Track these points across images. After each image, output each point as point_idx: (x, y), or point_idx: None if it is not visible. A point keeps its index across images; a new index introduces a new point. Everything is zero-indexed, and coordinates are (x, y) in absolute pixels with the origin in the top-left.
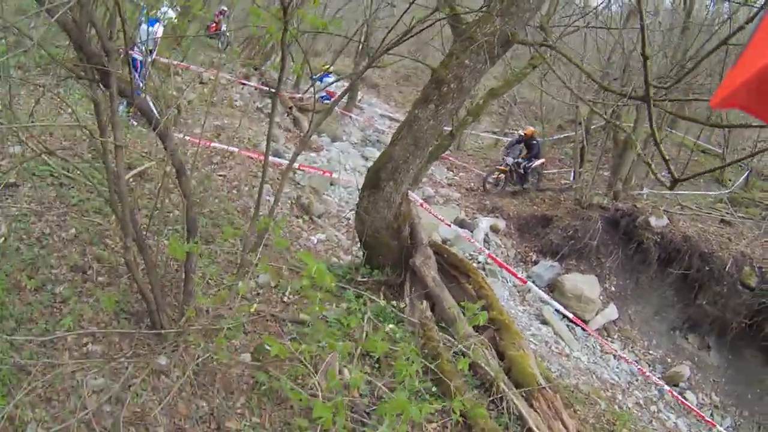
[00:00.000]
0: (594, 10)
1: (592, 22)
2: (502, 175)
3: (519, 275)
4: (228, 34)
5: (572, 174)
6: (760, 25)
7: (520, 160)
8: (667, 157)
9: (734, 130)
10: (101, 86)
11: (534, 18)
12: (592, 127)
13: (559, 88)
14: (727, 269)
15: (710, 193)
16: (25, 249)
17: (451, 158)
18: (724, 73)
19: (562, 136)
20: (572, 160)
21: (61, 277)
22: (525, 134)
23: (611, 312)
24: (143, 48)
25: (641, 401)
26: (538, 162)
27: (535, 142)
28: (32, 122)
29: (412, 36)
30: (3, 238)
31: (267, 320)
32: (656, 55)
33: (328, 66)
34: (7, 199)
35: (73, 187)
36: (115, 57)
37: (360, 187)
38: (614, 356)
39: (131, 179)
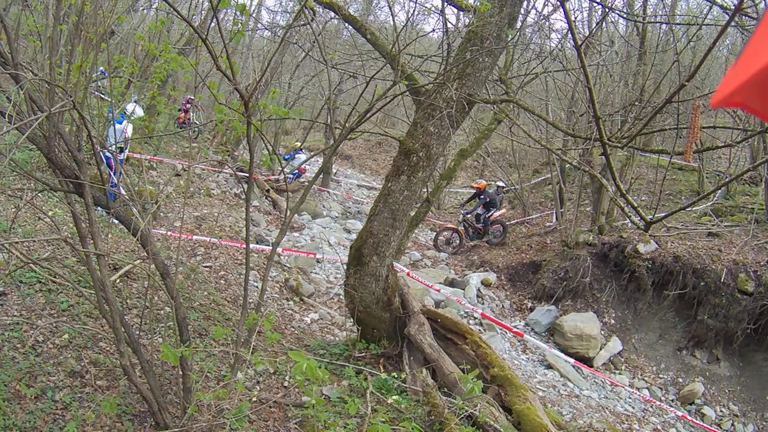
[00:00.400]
0: (550, 53)
1: (550, 65)
2: (455, 234)
3: (515, 328)
4: (197, 122)
5: (554, 216)
6: (762, 22)
7: (479, 211)
8: (635, 204)
9: (707, 143)
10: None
11: (493, 72)
12: (567, 166)
13: (528, 133)
14: (722, 280)
15: (694, 208)
16: (20, 358)
17: (432, 219)
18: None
19: (539, 179)
20: (553, 203)
21: (60, 384)
22: (478, 188)
23: (615, 345)
24: (114, 148)
25: (659, 426)
26: (497, 213)
27: (482, 195)
28: (13, 232)
29: (374, 113)
30: None
31: (270, 407)
32: (617, 85)
33: (299, 144)
34: None
35: (61, 293)
36: (86, 167)
37: (345, 262)
38: (624, 388)
39: (118, 280)
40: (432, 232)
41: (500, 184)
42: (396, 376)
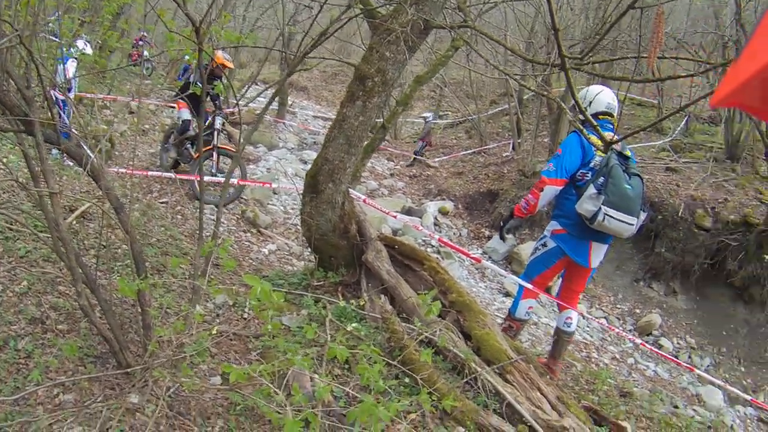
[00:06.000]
0: None
1: None
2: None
3: (473, 254)
4: (151, 59)
5: (511, 146)
6: (762, 19)
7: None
8: (594, 123)
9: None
10: (28, 135)
11: (450, 1)
12: (525, 97)
13: (486, 64)
14: (680, 214)
15: (652, 143)
16: None
17: (389, 148)
18: (644, 29)
19: (496, 110)
20: (510, 133)
21: (21, 332)
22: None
23: None
24: (62, 87)
25: (617, 355)
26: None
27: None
28: None
29: (328, 37)
30: None
31: (231, 340)
32: (578, 18)
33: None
34: None
35: (18, 240)
36: (36, 105)
37: (302, 192)
38: (582, 316)
39: (74, 222)
40: (389, 161)
41: (425, 114)
42: (354, 303)
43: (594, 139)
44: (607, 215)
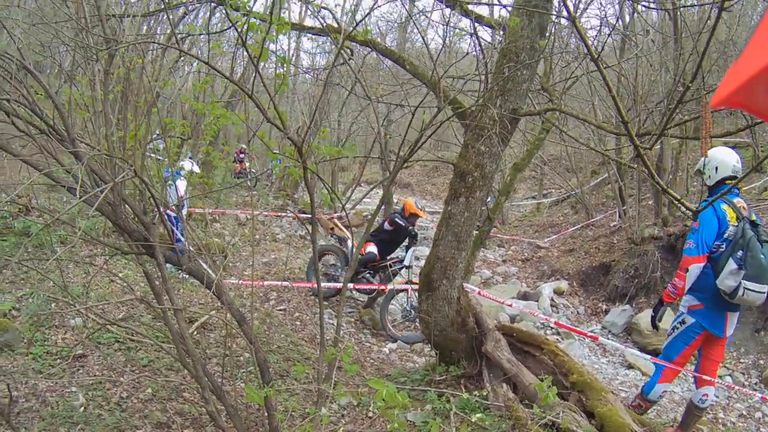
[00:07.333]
0: (586, 55)
1: (589, 65)
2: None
3: (592, 332)
4: (254, 171)
5: (617, 214)
6: (761, 22)
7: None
8: (678, 197)
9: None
10: (148, 256)
11: (534, 82)
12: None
13: (580, 135)
14: None
15: (752, 185)
16: (106, 415)
17: (499, 235)
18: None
19: (598, 180)
20: (614, 202)
21: None
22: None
23: None
24: (173, 206)
25: (744, 412)
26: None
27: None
28: (88, 296)
29: (424, 142)
30: (83, 407)
31: None
32: (659, 74)
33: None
34: (78, 370)
35: (140, 350)
36: (154, 229)
37: (417, 290)
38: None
39: (195, 332)
40: (500, 248)
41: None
42: (477, 394)
43: (726, 207)
44: (747, 289)
